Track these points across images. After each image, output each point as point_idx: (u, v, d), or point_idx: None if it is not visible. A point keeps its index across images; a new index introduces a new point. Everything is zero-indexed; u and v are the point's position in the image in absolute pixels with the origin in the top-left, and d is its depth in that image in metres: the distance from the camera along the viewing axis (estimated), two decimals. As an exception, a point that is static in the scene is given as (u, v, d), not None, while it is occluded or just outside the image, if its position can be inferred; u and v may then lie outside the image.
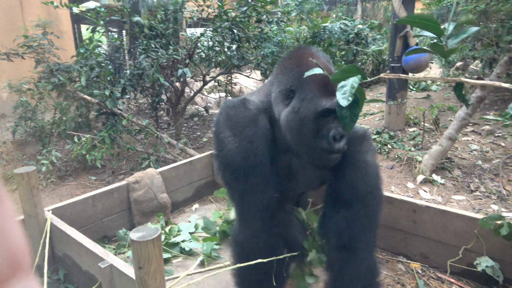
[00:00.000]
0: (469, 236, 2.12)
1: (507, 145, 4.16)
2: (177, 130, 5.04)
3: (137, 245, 1.27)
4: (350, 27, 4.80)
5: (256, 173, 1.69)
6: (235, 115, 1.74)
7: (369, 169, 1.70)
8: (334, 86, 1.45)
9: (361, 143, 1.75)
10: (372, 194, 1.69)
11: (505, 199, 3.10)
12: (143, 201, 2.84)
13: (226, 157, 1.73)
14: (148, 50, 4.09)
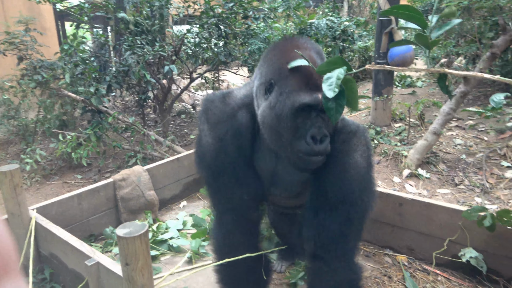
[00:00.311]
0: (453, 228, 2.16)
1: (490, 139, 4.24)
2: (164, 127, 5.00)
3: (124, 241, 1.26)
4: (336, 23, 4.82)
5: (225, 172, 1.62)
6: (212, 109, 1.66)
7: (352, 172, 1.51)
8: (318, 80, 1.36)
9: (349, 141, 1.56)
10: (352, 200, 1.50)
11: (488, 192, 3.16)
12: (130, 198, 2.81)
13: (201, 151, 1.70)
14: (134, 46, 4.04)
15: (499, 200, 3.03)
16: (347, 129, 1.60)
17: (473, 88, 3.72)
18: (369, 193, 1.59)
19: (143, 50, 4.04)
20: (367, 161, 1.57)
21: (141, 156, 4.02)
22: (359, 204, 1.52)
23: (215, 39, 4.50)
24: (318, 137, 1.39)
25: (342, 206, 1.49)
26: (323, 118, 1.42)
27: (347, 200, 1.49)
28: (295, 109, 1.38)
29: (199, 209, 3.15)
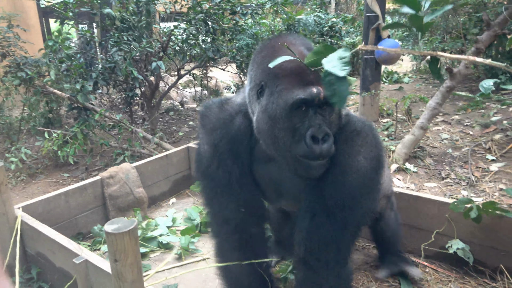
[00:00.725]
0: (441, 220, 2.19)
1: (475, 133, 4.31)
2: (152, 124, 4.96)
3: (113, 237, 1.24)
4: (324, 20, 4.83)
5: (219, 182, 1.55)
6: (209, 115, 1.60)
7: (353, 176, 1.39)
8: (312, 75, 1.27)
9: (351, 141, 1.42)
10: (351, 206, 1.40)
11: (474, 185, 3.22)
12: (118, 196, 2.78)
13: (199, 159, 1.64)
14: (120, 43, 3.99)
15: (484, 193, 3.08)
16: (351, 127, 1.45)
17: (459, 84, 3.77)
18: (370, 198, 1.47)
19: (129, 46, 3.99)
20: (372, 162, 1.42)
21: (129, 153, 3.98)
22: (358, 210, 1.43)
23: (202, 35, 4.47)
24: (320, 136, 1.27)
25: (340, 212, 1.39)
26: (323, 115, 1.31)
27: (345, 206, 1.39)
28: (289, 108, 1.28)
29: (189, 206, 3.14)
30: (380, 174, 1.50)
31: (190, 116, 6.12)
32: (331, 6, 10.71)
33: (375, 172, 1.45)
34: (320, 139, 1.27)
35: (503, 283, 1.99)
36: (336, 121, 1.38)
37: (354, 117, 1.51)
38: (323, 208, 1.40)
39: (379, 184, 1.52)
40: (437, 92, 3.85)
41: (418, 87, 6.92)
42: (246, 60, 4.72)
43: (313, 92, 1.27)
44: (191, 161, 3.41)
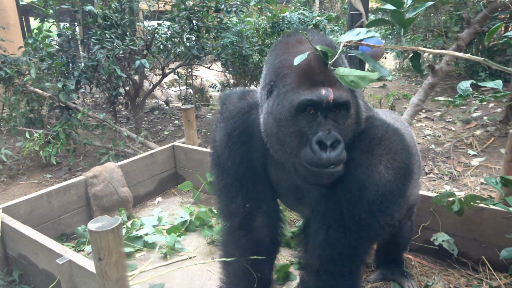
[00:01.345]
0: (425, 214, 2.22)
1: (457, 129, 4.40)
2: (137, 124, 4.90)
3: (96, 236, 1.22)
4: (308, 17, 4.85)
5: (227, 172, 1.51)
6: (227, 104, 1.56)
7: (372, 191, 1.27)
8: (322, 75, 1.18)
9: (372, 150, 1.28)
10: (369, 222, 1.30)
11: (456, 180, 3.28)
12: (102, 196, 2.74)
13: (213, 147, 1.60)
14: (103, 40, 3.92)
15: (466, 187, 3.15)
16: (373, 132, 1.32)
17: (441, 81, 3.84)
18: (390, 212, 1.33)
19: (112, 44, 3.93)
20: (396, 173, 1.28)
21: (113, 153, 3.92)
22: (375, 225, 1.32)
23: (187, 33, 4.44)
24: (328, 142, 1.16)
25: (356, 228, 1.31)
26: (334, 120, 1.21)
27: (362, 221, 1.29)
28: (294, 110, 1.19)
29: (175, 205, 3.12)
30: (406, 185, 1.33)
31: (175, 115, 6.08)
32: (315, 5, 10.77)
33: (399, 184, 1.30)
34: (328, 145, 1.16)
35: (485, 274, 2.04)
36: (352, 126, 1.27)
37: (378, 120, 1.37)
38: (338, 222, 1.32)
39: (403, 196, 1.36)
40: (419, 89, 3.91)
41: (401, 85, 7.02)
42: (231, 58, 4.71)
43: (321, 93, 1.16)
44: (177, 159, 3.39)
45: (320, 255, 1.38)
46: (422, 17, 6.66)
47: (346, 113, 1.23)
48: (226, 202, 1.59)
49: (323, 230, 1.35)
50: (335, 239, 1.33)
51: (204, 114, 6.05)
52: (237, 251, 1.61)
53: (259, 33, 4.89)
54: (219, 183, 1.58)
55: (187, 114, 3.28)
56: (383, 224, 1.32)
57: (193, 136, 3.35)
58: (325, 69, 1.18)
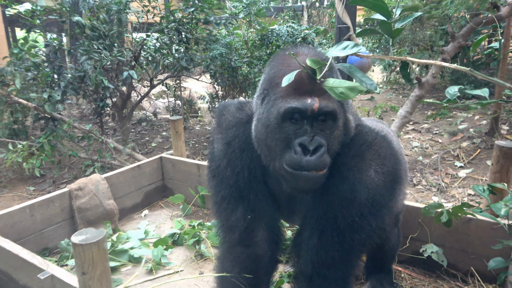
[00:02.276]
0: (414, 226, 2.23)
1: (444, 141, 4.46)
2: (124, 135, 4.86)
3: (80, 249, 1.19)
4: (297, 30, 4.91)
5: (226, 182, 1.48)
6: (225, 114, 1.56)
7: (363, 194, 1.31)
8: (310, 86, 1.23)
9: (362, 155, 1.33)
10: (361, 225, 1.33)
11: (444, 191, 3.31)
12: (87, 208, 2.69)
13: (210, 159, 1.57)
14: (90, 51, 3.90)
15: (454, 198, 3.18)
16: (361, 139, 1.37)
17: (427, 93, 3.91)
18: (381, 216, 1.37)
19: (100, 55, 3.91)
20: (385, 177, 1.33)
21: (99, 165, 3.87)
22: (367, 228, 1.34)
23: (176, 44, 4.44)
24: (310, 147, 1.20)
25: (349, 231, 1.33)
26: (320, 129, 1.25)
27: (354, 224, 1.32)
28: (281, 117, 1.24)
29: (162, 218, 3.07)
30: (395, 190, 1.39)
31: (163, 127, 6.04)
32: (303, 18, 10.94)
33: (388, 188, 1.35)
34: (311, 150, 1.20)
35: (474, 285, 2.04)
36: (340, 137, 1.30)
37: (366, 127, 1.42)
38: (331, 226, 1.34)
39: (392, 201, 1.40)
40: (407, 101, 3.97)
41: (388, 97, 7.12)
42: (220, 69, 4.72)
43: (307, 102, 1.21)
44: (165, 171, 3.35)
45: (314, 259, 1.39)
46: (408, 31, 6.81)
47: (333, 123, 1.27)
48: (225, 215, 1.54)
49: (316, 234, 1.37)
50: (328, 242, 1.35)
51: (192, 125, 6.03)
52: (235, 269, 1.56)
53: (248, 45, 4.92)
54: (217, 195, 1.54)
55: (175, 126, 3.26)
56: (374, 227, 1.35)
57: (181, 148, 3.33)
58: (315, 80, 1.23)
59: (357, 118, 1.48)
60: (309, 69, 1.22)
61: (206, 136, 5.36)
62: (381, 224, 1.39)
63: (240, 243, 1.54)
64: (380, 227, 1.39)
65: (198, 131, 5.71)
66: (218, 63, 4.60)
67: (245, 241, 1.54)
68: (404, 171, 1.79)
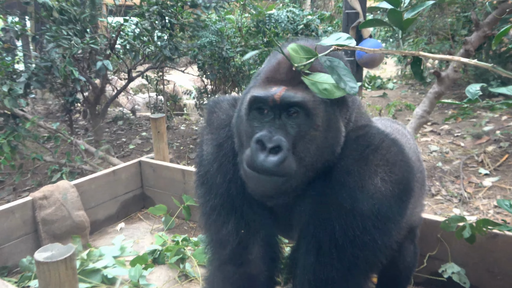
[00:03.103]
0: (432, 242, 2.24)
1: (467, 145, 4.49)
2: (97, 135, 4.84)
3: (45, 268, 1.18)
4: (298, 16, 4.93)
5: (216, 190, 1.48)
6: (217, 111, 1.56)
7: (366, 205, 1.29)
8: (285, 75, 1.28)
9: (367, 158, 1.31)
10: (364, 241, 1.31)
11: (466, 202, 3.34)
12: (53, 220, 2.68)
13: (198, 163, 1.57)
14: (59, 37, 3.89)
15: (478, 211, 3.20)
16: (366, 141, 1.35)
17: (447, 90, 3.94)
18: (388, 231, 1.34)
19: (70, 42, 3.90)
20: (394, 187, 1.31)
21: (67, 170, 3.86)
22: (372, 245, 1.32)
23: (158, 30, 4.44)
24: (268, 145, 1.21)
25: (350, 247, 1.31)
26: (290, 124, 1.26)
27: (356, 239, 1.30)
28: (248, 107, 1.29)
29: (141, 231, 3.07)
30: (405, 203, 1.36)
31: (143, 126, 6.04)
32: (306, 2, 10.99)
33: (397, 199, 1.32)
34: (268, 148, 1.21)
35: (501, 311, 2.06)
36: (319, 139, 1.28)
37: (374, 128, 1.41)
38: (329, 241, 1.32)
39: (402, 214, 1.38)
40: (424, 98, 4.00)
41: (403, 94, 7.17)
42: (210, 60, 4.73)
43: (270, 90, 1.25)
44: (144, 178, 3.35)
45: (310, 279, 1.37)
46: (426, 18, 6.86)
47: (307, 120, 1.26)
48: (214, 228, 1.53)
49: (313, 251, 1.36)
50: (327, 260, 1.34)
51: (176, 125, 6.03)
52: (246, 269, 1.55)
53: (242, 33, 4.93)
54: (206, 205, 1.53)
55: (157, 125, 3.26)
56: (380, 245, 1.33)
57: (163, 150, 3.32)
58: (294, 71, 1.25)
59: (365, 117, 1.48)
60: (287, 57, 1.24)
61: (193, 137, 5.36)
62: (388, 241, 1.37)
63: (232, 261, 1.54)
64: (387, 245, 1.37)
65: (184, 131, 5.71)
66: (207, 52, 4.60)
67: (238, 258, 1.53)
68: (421, 180, 1.78)
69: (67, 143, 4.17)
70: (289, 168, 1.23)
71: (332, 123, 1.30)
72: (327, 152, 1.31)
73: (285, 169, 1.22)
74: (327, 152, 1.31)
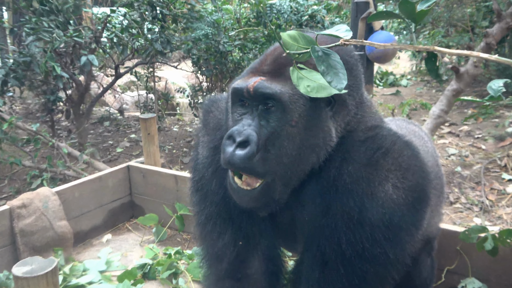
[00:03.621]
0: (451, 254, 2.24)
1: (488, 147, 4.50)
2: (81, 138, 4.85)
3: (24, 283, 1.19)
4: (303, 6, 4.95)
5: (211, 197, 1.49)
6: (214, 111, 1.59)
7: (376, 214, 1.28)
8: (268, 66, 1.32)
9: (376, 162, 1.31)
10: (374, 254, 1.30)
11: (488, 211, 3.34)
12: (33, 231, 2.69)
13: (194, 164, 1.59)
14: (39, 30, 3.90)
15: (501, 220, 3.20)
16: (376, 143, 1.34)
17: (467, 87, 3.95)
18: (401, 243, 1.34)
19: (51, 35, 3.91)
20: (407, 194, 1.31)
21: (48, 175, 3.86)
22: (382, 259, 1.32)
23: (148, 22, 4.45)
24: (237, 139, 1.24)
25: (358, 261, 1.31)
26: (266, 119, 1.29)
27: (365, 252, 1.30)
28: (230, 98, 1.36)
29: (130, 243, 3.06)
30: (420, 212, 1.36)
31: (131, 127, 6.04)
32: (311, -9, 11.01)
33: (410, 208, 1.32)
34: (236, 142, 1.24)
35: (527, 331, 2.06)
36: (296, 137, 1.29)
37: (385, 129, 1.41)
38: (335, 254, 1.32)
39: (416, 225, 1.37)
40: (441, 96, 4.01)
41: (418, 91, 7.19)
42: (205, 54, 4.74)
43: (247, 81, 1.29)
44: (133, 184, 3.35)
45: None
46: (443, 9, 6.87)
47: (282, 114, 1.27)
48: (210, 240, 1.54)
49: (318, 265, 1.36)
50: (333, 275, 1.33)
51: (169, 126, 6.04)
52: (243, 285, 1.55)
53: (241, 25, 4.95)
54: (201, 214, 1.54)
55: (147, 126, 3.26)
56: (392, 258, 1.33)
57: (154, 154, 3.32)
58: (279, 63, 1.29)
59: (376, 117, 1.48)
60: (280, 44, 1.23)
61: (187, 139, 5.37)
62: (401, 255, 1.36)
63: (230, 276, 1.54)
64: (400, 260, 1.37)
65: (176, 133, 5.71)
66: (202, 46, 4.61)
67: (236, 273, 1.53)
68: (440, 186, 1.78)
69: (48, 146, 4.17)
70: (260, 166, 1.25)
71: (315, 121, 1.30)
72: (310, 154, 1.31)
73: (255, 166, 1.25)
74: (311, 154, 1.31)
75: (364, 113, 1.43)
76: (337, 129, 1.35)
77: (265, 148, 1.26)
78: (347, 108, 1.36)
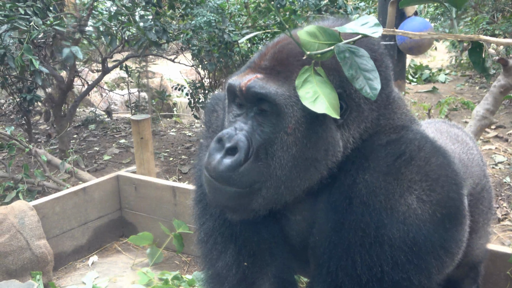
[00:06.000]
0: (500, 281, 2.22)
1: (543, 154, 4.46)
2: (63, 143, 4.88)
3: (-2, 311, 1.19)
4: (321, -12, 4.96)
5: (212, 212, 1.51)
6: (218, 110, 1.62)
7: (396, 233, 1.27)
8: (267, 62, 1.34)
9: (398, 171, 1.30)
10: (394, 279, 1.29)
11: (543, 229, 3.31)
12: (7, 252, 2.70)
13: (195, 170, 1.62)
14: (14, 18, 3.94)
15: (559, 240, 3.17)
16: (398, 148, 1.33)
17: (517, 82, 3.92)
18: (425, 268, 1.32)
19: (28, 23, 3.95)
20: (435, 209, 1.30)
21: (25, 187, 3.89)
22: (405, 286, 1.30)
23: (141, 8, 4.48)
24: (227, 144, 1.28)
25: (378, 285, 1.30)
26: (260, 122, 1.31)
27: (385, 277, 1.29)
28: (227, 98, 1.40)
29: (119, 267, 3.07)
30: (450, 231, 1.35)
31: (121, 131, 6.07)
32: (331, -29, 11.02)
33: (438, 226, 1.31)
34: (225, 148, 1.28)
35: None
36: (292, 146, 1.30)
37: (412, 132, 1.41)
38: (351, 280, 1.31)
39: (445, 246, 1.35)
40: (486, 94, 3.98)
41: (459, 88, 7.16)
42: (207, 45, 4.75)
43: (243, 78, 1.31)
44: (123, 198, 3.36)
45: None
46: (488, -9, 6.85)
47: (277, 119, 1.28)
48: (210, 259, 1.56)
49: None
50: None
51: (165, 129, 6.05)
52: None
53: (249, 10, 4.96)
54: (201, 229, 1.56)
55: (140, 129, 3.27)
56: (416, 284, 1.31)
57: (148, 162, 3.33)
58: (281, 58, 1.30)
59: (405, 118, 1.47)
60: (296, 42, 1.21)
61: (186, 145, 5.38)
62: (427, 281, 1.34)
63: None
64: (425, 286, 1.34)
65: (174, 137, 5.72)
66: (204, 36, 4.63)
67: None
68: (488, 201, 1.80)
69: (24, 153, 4.20)
70: (245, 177, 1.27)
71: (316, 130, 1.29)
72: (307, 168, 1.31)
73: (242, 177, 1.26)
74: (308, 169, 1.31)
75: (390, 114, 1.42)
76: (349, 139, 1.34)
77: (256, 157, 1.28)
78: (363, 115, 1.35)
